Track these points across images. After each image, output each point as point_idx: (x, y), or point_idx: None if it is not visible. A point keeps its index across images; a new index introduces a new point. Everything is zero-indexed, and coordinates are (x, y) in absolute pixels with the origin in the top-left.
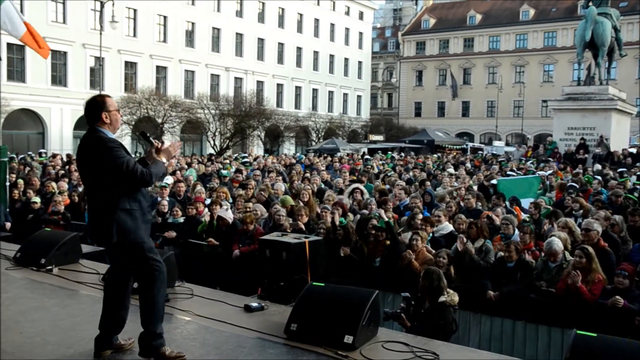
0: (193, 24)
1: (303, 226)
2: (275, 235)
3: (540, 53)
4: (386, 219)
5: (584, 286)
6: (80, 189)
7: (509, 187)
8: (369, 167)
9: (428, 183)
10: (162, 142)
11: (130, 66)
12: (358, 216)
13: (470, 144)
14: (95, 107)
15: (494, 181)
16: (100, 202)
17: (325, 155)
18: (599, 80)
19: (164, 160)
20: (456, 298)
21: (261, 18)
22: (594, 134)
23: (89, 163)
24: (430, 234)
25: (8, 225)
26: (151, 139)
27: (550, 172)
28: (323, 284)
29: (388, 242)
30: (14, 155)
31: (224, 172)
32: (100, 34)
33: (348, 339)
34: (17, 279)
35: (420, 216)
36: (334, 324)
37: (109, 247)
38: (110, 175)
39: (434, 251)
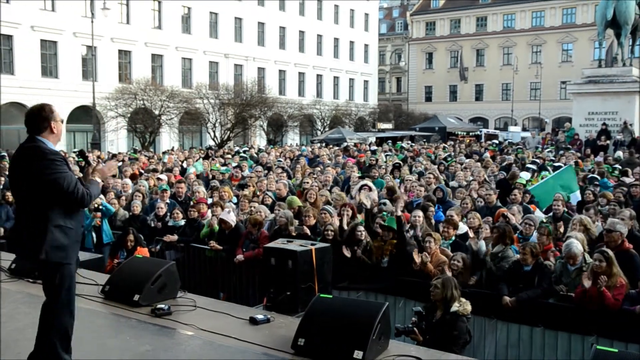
0: (189, 8)
1: (309, 231)
2: (281, 242)
3: (559, 31)
4: (399, 214)
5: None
6: None
7: (545, 196)
8: (373, 159)
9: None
10: (99, 162)
11: (124, 55)
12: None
13: (485, 130)
14: (43, 116)
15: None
16: (32, 216)
17: (331, 145)
18: (621, 61)
19: (99, 180)
20: (469, 307)
21: (261, 1)
22: (616, 119)
23: (25, 174)
24: (453, 238)
25: (1, 230)
26: (89, 159)
27: (573, 162)
28: (331, 296)
29: (395, 241)
30: (5, 154)
31: (222, 168)
32: (92, 21)
33: (358, 354)
34: (13, 293)
35: (431, 214)
36: (343, 338)
37: (37, 264)
38: (47, 189)
39: (450, 254)
